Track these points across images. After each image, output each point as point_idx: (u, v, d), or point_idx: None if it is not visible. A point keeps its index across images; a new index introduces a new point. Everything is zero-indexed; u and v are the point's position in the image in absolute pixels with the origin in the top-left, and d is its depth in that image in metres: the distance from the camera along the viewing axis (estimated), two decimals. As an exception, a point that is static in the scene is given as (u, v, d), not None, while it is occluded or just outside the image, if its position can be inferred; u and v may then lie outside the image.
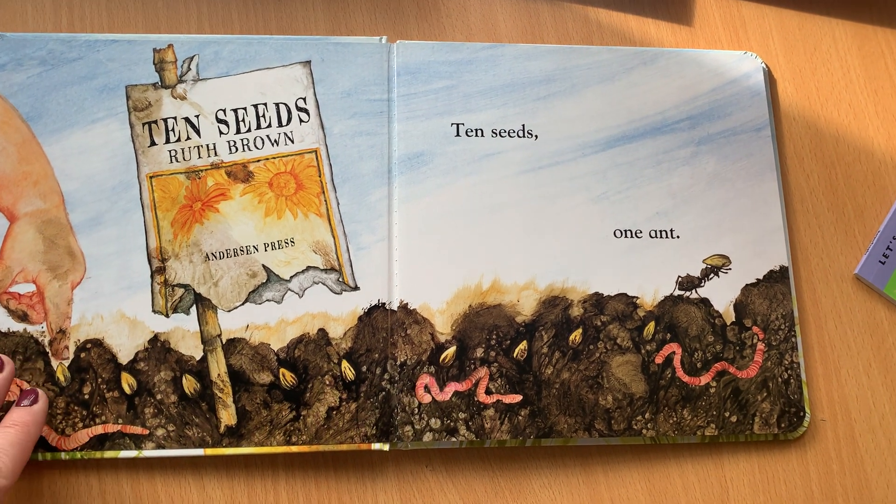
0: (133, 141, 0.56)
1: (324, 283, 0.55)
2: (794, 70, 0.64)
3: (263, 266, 0.55)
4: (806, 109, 0.63)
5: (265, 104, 0.57)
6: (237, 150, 0.56)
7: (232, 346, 0.53)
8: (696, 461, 0.55)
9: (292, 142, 0.57)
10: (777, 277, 0.58)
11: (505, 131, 0.59)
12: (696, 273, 0.58)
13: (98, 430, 0.52)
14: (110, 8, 0.60)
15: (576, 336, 0.56)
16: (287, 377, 0.53)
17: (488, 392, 0.54)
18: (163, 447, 0.52)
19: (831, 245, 0.60)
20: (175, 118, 0.57)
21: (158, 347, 0.53)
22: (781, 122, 0.63)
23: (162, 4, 0.60)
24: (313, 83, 0.58)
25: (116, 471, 0.52)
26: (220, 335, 0.54)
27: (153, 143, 0.56)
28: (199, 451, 0.52)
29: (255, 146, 0.57)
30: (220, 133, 0.57)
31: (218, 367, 0.53)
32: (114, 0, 0.60)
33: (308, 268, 0.55)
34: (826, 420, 0.57)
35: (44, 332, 0.53)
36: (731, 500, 0.55)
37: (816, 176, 0.61)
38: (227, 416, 0.52)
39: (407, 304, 0.55)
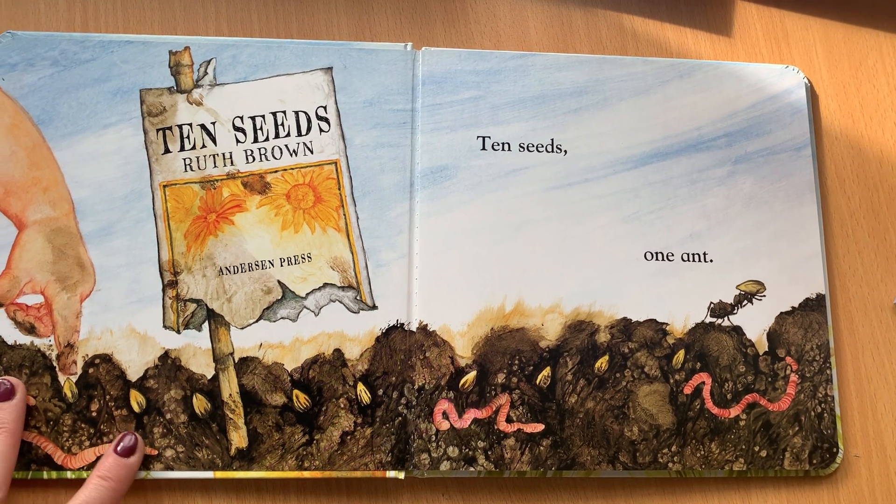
0: (146, 148, 0.54)
1: (341, 302, 0.53)
2: (837, 86, 0.61)
3: (279, 282, 0.53)
4: (849, 128, 0.60)
5: (284, 112, 0.55)
6: (254, 159, 0.54)
7: (244, 364, 0.52)
8: (723, 496, 0.53)
9: (311, 152, 0.55)
10: (813, 306, 0.56)
11: (533, 145, 0.56)
12: (729, 299, 0.55)
13: (106, 449, 0.50)
14: (125, 7, 0.57)
15: (602, 363, 0.53)
16: (301, 399, 0.51)
17: (509, 420, 0.52)
18: (171, 469, 0.50)
19: (871, 272, 0.57)
20: (190, 125, 0.54)
21: (169, 365, 0.51)
22: (822, 140, 0.60)
23: (179, 4, 0.58)
24: (335, 91, 0.56)
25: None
26: (232, 353, 0.52)
27: (167, 151, 0.54)
28: (209, 474, 0.50)
29: (273, 156, 0.54)
30: (237, 141, 0.54)
31: (230, 387, 0.51)
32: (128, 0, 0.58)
33: (325, 285, 0.53)
34: (859, 456, 0.54)
35: (51, 345, 0.51)
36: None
37: (858, 199, 0.59)
38: (238, 439, 0.51)
39: (426, 325, 0.53)
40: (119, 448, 0.49)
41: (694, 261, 0.56)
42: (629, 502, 0.53)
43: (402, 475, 0.51)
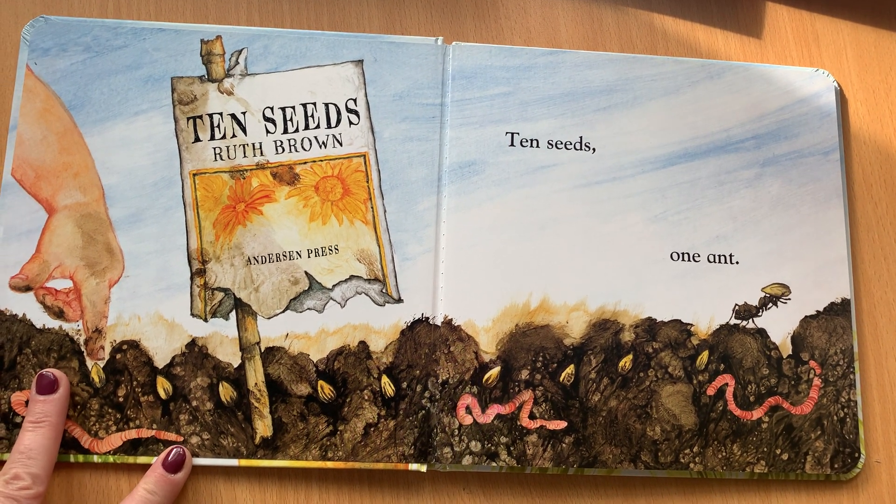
0: (177, 136, 0.54)
1: (367, 294, 0.53)
2: (867, 90, 0.60)
3: (306, 273, 0.53)
4: (878, 133, 0.59)
5: (314, 104, 0.55)
6: (284, 150, 0.54)
7: (271, 354, 0.52)
8: (744, 498, 0.53)
9: (341, 144, 0.55)
10: (838, 310, 0.56)
11: (562, 143, 0.56)
12: (755, 302, 0.55)
13: (132, 434, 0.50)
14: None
15: (626, 362, 0.54)
16: (325, 390, 0.52)
17: (532, 417, 0.52)
18: (196, 455, 0.50)
19: None
20: (221, 114, 0.55)
21: (196, 352, 0.52)
22: (851, 144, 0.59)
23: (212, -7, 0.58)
24: (365, 84, 0.56)
25: (148, 477, 0.51)
26: (258, 343, 0.52)
27: (197, 139, 0.54)
28: (234, 462, 0.50)
29: (303, 147, 0.55)
30: (267, 132, 0.55)
31: (255, 376, 0.52)
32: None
33: (351, 277, 0.53)
34: (880, 462, 0.54)
35: (79, 330, 0.52)
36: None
37: (885, 204, 0.58)
38: (263, 427, 0.51)
39: (451, 319, 0.53)
40: (167, 462, 0.49)
41: (720, 262, 0.56)
42: (650, 501, 0.53)
43: (424, 468, 0.51)
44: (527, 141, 0.56)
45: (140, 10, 0.57)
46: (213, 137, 0.54)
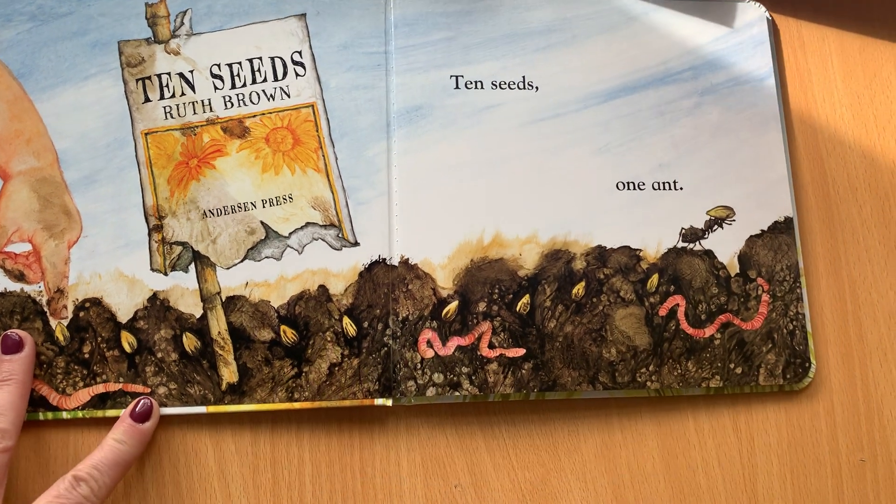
0: (127, 97, 0.55)
1: (323, 240, 0.54)
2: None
3: (262, 223, 0.54)
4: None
5: (260, 58, 0.56)
6: (233, 105, 0.55)
7: (232, 303, 0.53)
8: (701, 412, 0.55)
9: (288, 96, 0.56)
10: (782, 228, 0.58)
11: (505, 83, 0.58)
12: (700, 225, 0.57)
13: (99, 388, 0.51)
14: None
15: (579, 289, 0.55)
16: (288, 334, 0.53)
17: (491, 346, 0.54)
18: (165, 405, 0.51)
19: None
20: (169, 74, 0.56)
21: (158, 306, 0.53)
22: (793, 87, 0.61)
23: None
24: (309, 36, 0.57)
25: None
26: (219, 293, 0.53)
27: (147, 100, 0.55)
28: (202, 409, 0.51)
29: (251, 101, 0.56)
30: (215, 88, 0.56)
31: (218, 325, 0.53)
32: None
33: (307, 224, 0.54)
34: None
35: (41, 291, 0.52)
36: (751, 460, 0.55)
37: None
38: (229, 374, 0.52)
39: (408, 259, 0.54)
40: (134, 412, 0.50)
41: (664, 189, 0.57)
42: (610, 421, 0.55)
43: (389, 402, 0.52)
44: (471, 83, 0.58)
45: (82, -23, 0.58)
46: (162, 97, 0.55)
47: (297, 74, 0.56)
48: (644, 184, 0.57)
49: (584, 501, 0.53)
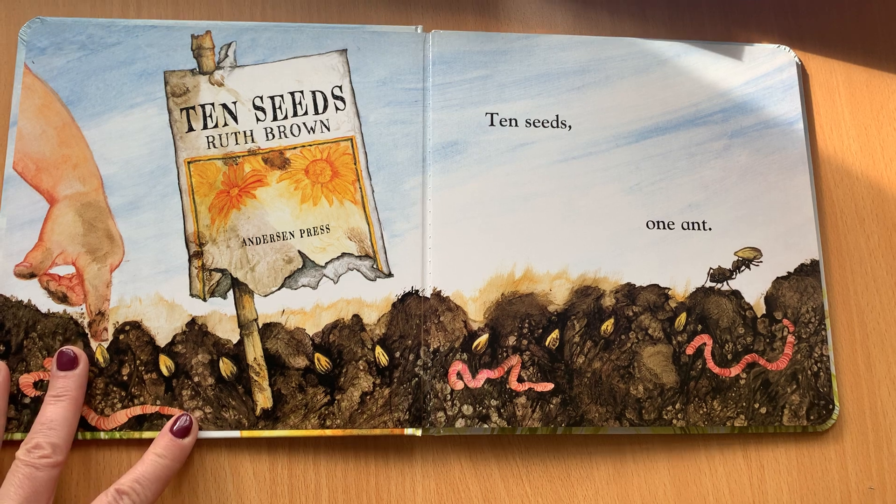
0: (171, 126, 0.57)
1: (358, 270, 0.56)
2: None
3: (299, 252, 0.55)
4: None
5: (302, 92, 0.58)
6: (274, 136, 0.57)
7: (268, 330, 0.54)
8: (725, 451, 0.56)
9: (328, 129, 0.57)
10: (808, 271, 0.58)
11: (539, 121, 0.59)
12: (728, 265, 0.58)
13: (136, 410, 0.52)
14: (150, -6, 0.60)
15: (607, 326, 0.56)
16: (322, 362, 0.54)
17: (520, 380, 0.55)
18: (200, 429, 0.52)
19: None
20: (213, 104, 0.57)
21: (196, 331, 0.54)
22: (821, 132, 0.62)
23: (200, -9, 0.61)
24: (349, 71, 0.58)
25: (154, 451, 0.53)
26: (256, 319, 0.54)
27: (191, 129, 0.57)
28: (236, 433, 0.52)
29: (292, 133, 0.57)
30: (258, 120, 0.57)
31: (254, 351, 0.54)
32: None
33: (343, 254, 0.56)
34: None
35: (83, 313, 0.54)
36: (761, 487, 0.55)
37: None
38: (264, 399, 0.53)
39: (440, 291, 0.55)
40: (174, 429, 0.51)
41: (693, 229, 0.58)
42: (636, 457, 0.55)
43: (419, 432, 0.53)
44: (506, 120, 0.59)
45: (134, 7, 0.60)
46: (205, 127, 0.57)
47: (336, 108, 0.58)
48: (674, 223, 0.58)
49: (608, 536, 0.54)
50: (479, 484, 0.54)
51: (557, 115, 0.59)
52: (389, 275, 0.56)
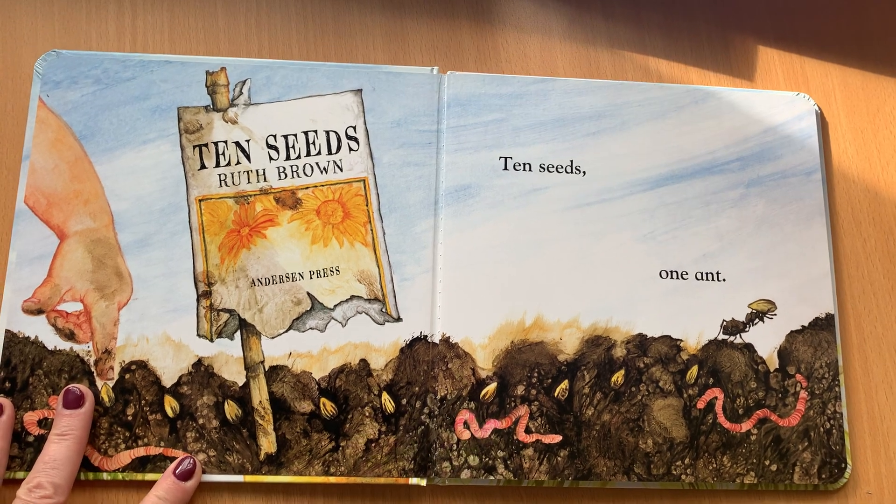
0: (183, 163, 0.56)
1: (367, 313, 0.55)
2: (855, 130, 0.63)
3: (308, 294, 0.55)
4: (866, 172, 0.62)
5: (315, 131, 0.57)
6: (286, 176, 0.57)
7: (274, 373, 0.54)
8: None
9: (341, 170, 0.57)
10: (823, 325, 0.58)
11: (553, 166, 0.59)
12: (741, 317, 0.57)
13: (140, 451, 0.52)
14: (172, 33, 0.60)
15: (618, 377, 0.55)
16: (327, 407, 0.53)
17: (528, 431, 0.54)
18: (203, 472, 0.52)
19: (885, 313, 0.59)
20: (226, 142, 0.57)
21: (202, 372, 0.53)
22: (834, 171, 0.61)
23: (223, 26, 0.60)
24: (364, 112, 0.58)
25: (156, 493, 0.52)
26: (262, 362, 0.54)
27: (203, 167, 0.56)
28: (239, 478, 0.52)
29: (305, 173, 0.57)
30: (270, 159, 0.57)
31: (260, 394, 0.53)
32: (176, 25, 0.60)
33: (352, 297, 0.55)
34: (871, 493, 0.55)
35: (90, 351, 0.53)
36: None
37: (874, 241, 0.60)
38: (268, 444, 0.53)
39: (449, 337, 0.55)
40: (177, 471, 0.51)
41: (707, 280, 0.58)
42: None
43: (423, 482, 0.52)
44: (520, 165, 0.58)
45: (154, 41, 0.60)
46: (218, 164, 0.57)
47: (350, 149, 0.57)
48: (687, 273, 0.57)
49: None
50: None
51: (572, 161, 0.59)
52: (398, 319, 0.55)
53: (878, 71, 0.64)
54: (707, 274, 0.58)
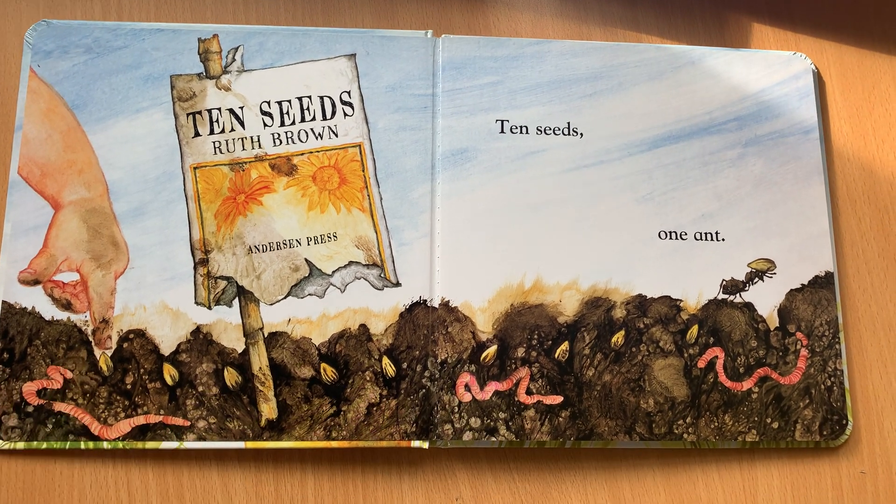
0: (177, 131, 0.56)
1: (366, 279, 0.55)
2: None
3: (306, 260, 0.55)
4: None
5: (310, 97, 0.57)
6: (281, 142, 0.56)
7: (274, 339, 0.53)
8: (736, 465, 0.55)
9: (336, 136, 0.57)
10: (822, 283, 0.57)
11: (550, 129, 0.58)
12: (741, 277, 0.57)
13: (140, 420, 0.52)
14: (158, 3, 0.59)
15: (618, 338, 0.55)
16: (328, 372, 0.53)
17: (529, 392, 0.54)
18: (204, 439, 0.52)
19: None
20: (219, 109, 0.56)
21: (201, 339, 0.53)
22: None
23: (208, -6, 0.60)
24: (358, 77, 0.58)
25: (158, 461, 0.52)
26: (262, 328, 0.53)
27: (197, 134, 0.56)
28: (240, 444, 0.52)
29: (300, 139, 0.56)
30: (265, 125, 0.56)
31: (259, 361, 0.53)
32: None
33: (350, 263, 0.55)
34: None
35: (87, 321, 0.53)
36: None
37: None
38: (269, 410, 0.52)
39: (448, 301, 0.55)
40: None
41: (706, 240, 0.57)
42: (645, 472, 0.54)
43: (426, 445, 0.52)
44: (516, 128, 0.58)
45: (140, 11, 0.59)
46: (212, 132, 0.56)
47: (345, 114, 0.57)
48: (686, 233, 0.57)
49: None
50: (486, 497, 0.53)
51: (569, 123, 0.58)
52: (397, 284, 0.55)
53: (874, 48, 0.63)
54: (706, 234, 0.57)
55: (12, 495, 0.51)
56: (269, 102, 0.57)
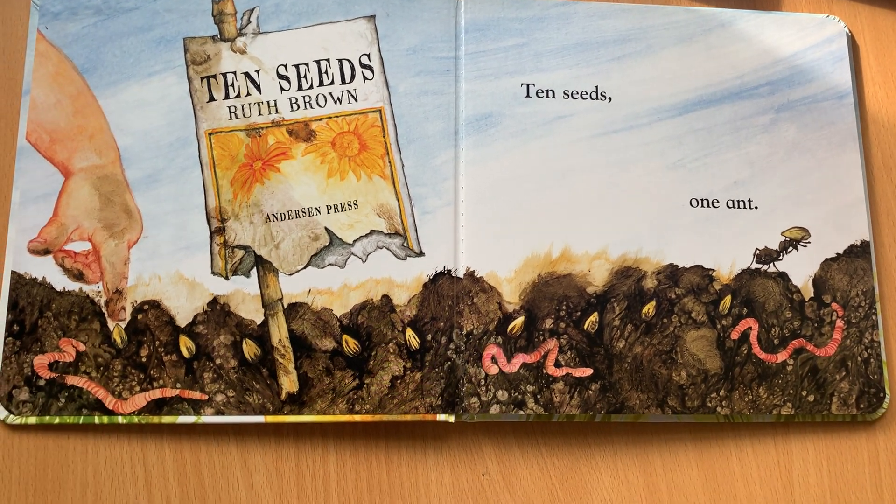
0: (191, 96, 0.54)
1: (388, 248, 0.53)
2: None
3: (326, 229, 0.53)
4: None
5: (328, 60, 0.55)
6: (299, 107, 0.54)
7: (293, 310, 0.52)
8: (770, 439, 0.53)
9: (356, 100, 0.55)
10: (858, 252, 0.56)
11: (577, 93, 0.56)
12: (775, 246, 0.55)
13: (156, 394, 0.50)
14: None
15: (649, 309, 0.53)
16: (350, 344, 0.51)
17: (557, 365, 0.52)
18: (222, 413, 0.50)
19: None
20: (235, 73, 0.54)
21: (218, 310, 0.51)
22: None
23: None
24: (378, 39, 0.55)
25: (175, 436, 0.50)
26: (281, 299, 0.52)
27: (212, 99, 0.54)
28: (260, 418, 0.50)
29: (318, 104, 0.54)
30: (282, 89, 0.54)
31: (279, 332, 0.51)
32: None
33: (372, 231, 0.53)
34: None
35: (100, 291, 0.51)
36: (805, 479, 0.53)
37: None
38: (289, 383, 0.51)
39: (474, 271, 0.53)
40: None
41: (739, 207, 0.55)
42: (678, 446, 0.53)
43: (452, 418, 0.51)
44: (542, 92, 0.56)
45: (149, -29, 0.57)
46: (227, 96, 0.54)
47: (364, 78, 0.55)
48: (718, 201, 0.55)
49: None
50: (513, 472, 0.52)
51: (597, 87, 0.56)
52: (420, 254, 0.53)
53: None
54: (738, 202, 0.56)
55: (24, 471, 0.49)
56: (285, 66, 0.55)
